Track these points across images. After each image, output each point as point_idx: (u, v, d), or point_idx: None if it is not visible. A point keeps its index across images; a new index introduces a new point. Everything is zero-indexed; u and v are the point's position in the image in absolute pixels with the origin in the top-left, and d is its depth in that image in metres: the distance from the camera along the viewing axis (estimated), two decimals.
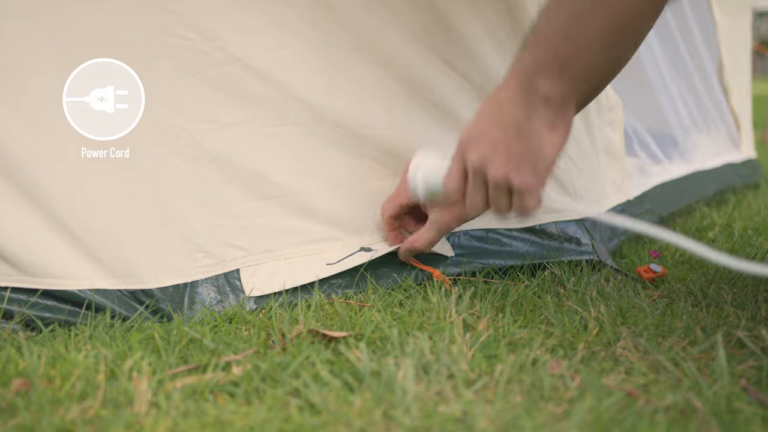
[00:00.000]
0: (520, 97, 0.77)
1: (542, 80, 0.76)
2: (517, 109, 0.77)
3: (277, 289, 0.91)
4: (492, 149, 0.78)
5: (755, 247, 1.25)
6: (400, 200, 0.97)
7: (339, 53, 0.95)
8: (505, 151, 0.78)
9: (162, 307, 0.86)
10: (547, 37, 0.75)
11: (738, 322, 0.82)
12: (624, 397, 0.64)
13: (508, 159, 0.78)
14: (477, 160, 0.79)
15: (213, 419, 0.61)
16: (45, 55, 0.85)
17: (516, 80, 0.78)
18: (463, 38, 1.01)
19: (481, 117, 0.81)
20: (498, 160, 0.78)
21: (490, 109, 0.80)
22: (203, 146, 0.90)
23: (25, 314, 0.83)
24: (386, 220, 0.98)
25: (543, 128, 0.77)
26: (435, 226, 0.93)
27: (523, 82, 0.77)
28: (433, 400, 0.63)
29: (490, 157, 0.78)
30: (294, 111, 0.94)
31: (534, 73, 0.76)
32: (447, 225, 0.93)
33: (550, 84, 0.76)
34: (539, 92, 0.76)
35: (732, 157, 2.10)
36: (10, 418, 0.61)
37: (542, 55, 0.76)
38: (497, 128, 0.78)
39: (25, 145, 0.84)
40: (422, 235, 0.94)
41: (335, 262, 0.95)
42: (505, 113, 0.78)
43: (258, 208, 0.93)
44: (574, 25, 0.74)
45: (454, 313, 0.84)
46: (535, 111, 0.77)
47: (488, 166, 0.79)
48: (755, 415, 0.61)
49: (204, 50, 0.88)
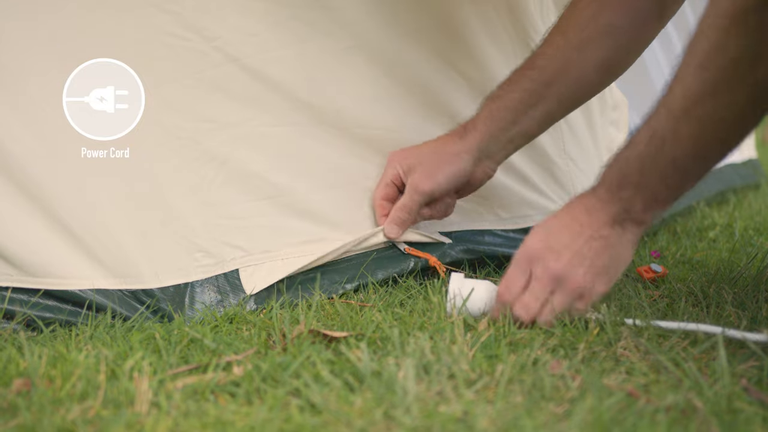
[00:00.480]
0: (613, 223, 0.81)
1: (644, 213, 0.80)
2: (607, 230, 0.81)
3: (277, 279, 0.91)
4: (576, 260, 0.81)
5: (756, 246, 1.25)
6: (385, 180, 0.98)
7: (337, 53, 0.95)
8: (589, 262, 0.81)
9: (163, 307, 0.86)
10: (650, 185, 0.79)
11: (739, 322, 0.82)
12: (625, 397, 0.64)
13: (590, 269, 0.81)
14: (558, 268, 0.81)
15: (214, 419, 0.61)
16: (45, 55, 0.85)
17: (605, 210, 0.81)
18: (462, 37, 1.01)
19: (556, 231, 0.83)
20: (581, 270, 0.81)
21: (566, 224, 0.83)
22: (203, 146, 0.90)
23: (26, 314, 0.83)
24: (378, 204, 0.98)
25: (629, 244, 0.82)
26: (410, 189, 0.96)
27: (616, 214, 0.81)
28: (434, 400, 0.63)
29: (571, 268, 0.81)
30: (292, 111, 0.94)
31: (635, 208, 0.80)
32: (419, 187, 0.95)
33: (648, 214, 0.81)
34: (638, 221, 0.81)
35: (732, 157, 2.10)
36: (11, 418, 0.61)
37: (645, 197, 0.79)
38: (580, 240, 0.81)
39: (25, 145, 0.84)
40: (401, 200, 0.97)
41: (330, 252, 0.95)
42: (591, 230, 0.81)
43: (256, 208, 0.93)
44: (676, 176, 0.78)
45: (454, 313, 0.84)
46: (625, 233, 0.81)
47: (569, 277, 0.81)
48: (756, 415, 0.61)
49: (202, 50, 0.88)
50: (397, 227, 0.97)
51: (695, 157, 0.77)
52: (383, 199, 0.99)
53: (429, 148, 0.98)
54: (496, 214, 1.07)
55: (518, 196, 1.07)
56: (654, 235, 1.39)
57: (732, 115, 0.73)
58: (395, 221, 0.97)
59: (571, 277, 0.81)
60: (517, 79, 0.95)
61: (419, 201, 0.96)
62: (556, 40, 0.94)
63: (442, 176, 0.95)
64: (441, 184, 0.95)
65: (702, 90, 0.73)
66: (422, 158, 0.97)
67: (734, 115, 0.73)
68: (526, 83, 0.94)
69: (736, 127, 0.75)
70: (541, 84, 0.93)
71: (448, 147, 0.96)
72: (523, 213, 1.08)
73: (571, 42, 0.93)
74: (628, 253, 0.82)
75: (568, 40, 0.93)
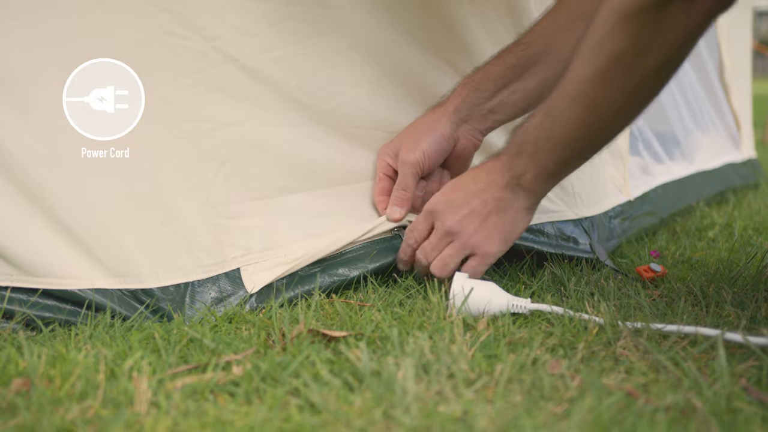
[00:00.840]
0: (506, 187, 0.88)
1: (533, 183, 0.87)
2: (501, 192, 0.88)
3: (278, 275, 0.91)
4: (468, 217, 0.89)
5: (755, 246, 1.25)
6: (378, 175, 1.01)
7: (337, 52, 0.95)
8: (481, 220, 0.89)
9: (162, 307, 0.86)
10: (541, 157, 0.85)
11: (738, 321, 0.82)
12: (624, 396, 0.64)
13: (482, 227, 0.89)
14: (453, 223, 0.89)
15: (213, 419, 0.61)
16: (45, 55, 0.85)
17: (503, 176, 0.88)
18: (462, 37, 1.01)
19: (458, 190, 0.91)
20: (471, 227, 0.89)
21: (468, 183, 0.90)
22: (203, 145, 0.90)
23: (26, 314, 0.83)
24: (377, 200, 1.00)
25: (521, 210, 0.89)
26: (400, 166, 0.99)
27: (509, 179, 0.87)
28: (433, 400, 0.63)
29: (464, 223, 0.89)
30: (291, 111, 0.94)
31: (525, 176, 0.86)
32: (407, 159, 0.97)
33: (537, 185, 0.87)
34: (526, 188, 0.87)
35: (732, 156, 2.11)
36: (11, 418, 0.61)
37: (536, 167, 0.85)
38: (476, 200, 0.89)
39: (25, 145, 0.84)
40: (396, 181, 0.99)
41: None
42: (487, 192, 0.88)
43: (257, 207, 0.93)
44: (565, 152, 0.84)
45: (454, 312, 0.84)
46: (516, 198, 0.88)
47: (461, 232, 0.89)
48: (755, 414, 0.61)
49: (202, 50, 0.88)
50: (398, 208, 0.98)
51: (580, 139, 0.82)
52: (381, 194, 1.00)
53: (409, 126, 1.00)
54: None
55: None
56: (653, 235, 1.39)
57: (615, 104, 0.78)
58: (395, 202, 0.98)
59: (463, 232, 0.89)
60: (503, 54, 0.97)
61: (411, 173, 0.97)
62: (545, 20, 0.96)
63: (425, 143, 0.97)
64: (425, 150, 0.97)
65: (591, 76, 0.77)
66: (404, 135, 0.99)
67: (617, 104, 0.78)
68: (509, 58, 0.96)
69: (618, 116, 0.80)
70: (525, 60, 0.95)
71: (426, 117, 0.99)
72: None
73: (557, 23, 0.95)
74: (522, 218, 0.89)
75: (556, 21, 0.95)
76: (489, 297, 0.85)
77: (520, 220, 0.89)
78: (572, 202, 1.10)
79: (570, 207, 1.10)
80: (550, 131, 0.83)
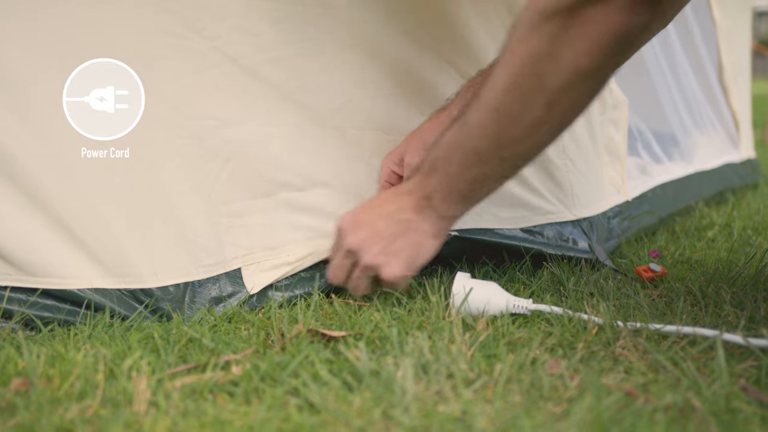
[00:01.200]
0: (415, 207, 0.84)
1: (442, 203, 0.83)
2: (409, 214, 0.85)
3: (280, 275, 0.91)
4: (371, 238, 0.85)
5: (754, 246, 1.25)
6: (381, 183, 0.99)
7: (337, 53, 0.95)
8: (386, 243, 0.85)
9: (161, 307, 0.86)
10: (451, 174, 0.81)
11: (737, 321, 0.82)
12: (623, 396, 0.64)
13: (385, 250, 0.85)
14: (353, 243, 0.86)
15: (212, 419, 0.61)
16: (45, 55, 0.85)
17: (413, 195, 0.84)
18: (463, 37, 1.01)
19: (367, 210, 0.88)
20: (375, 248, 0.85)
21: (379, 203, 0.88)
22: (203, 145, 0.90)
23: (25, 314, 0.83)
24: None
25: (428, 235, 0.85)
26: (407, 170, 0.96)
27: (419, 199, 0.84)
28: (433, 400, 0.63)
29: (365, 245, 0.86)
30: (292, 111, 0.94)
31: (435, 196, 0.83)
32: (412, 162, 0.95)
33: (447, 207, 0.83)
34: (435, 209, 0.84)
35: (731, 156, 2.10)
36: (10, 418, 0.61)
37: (445, 188, 0.82)
38: (382, 221, 0.86)
39: (25, 145, 0.84)
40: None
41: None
42: (396, 213, 0.85)
43: (258, 206, 0.93)
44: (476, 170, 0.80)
45: (453, 312, 0.85)
46: (426, 220, 0.84)
47: (361, 252, 0.86)
48: (754, 414, 0.61)
49: (202, 50, 0.88)
50: None
51: (494, 154, 0.78)
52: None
53: (414, 132, 0.99)
54: (494, 214, 1.07)
55: (515, 196, 1.07)
56: (653, 235, 1.39)
57: (531, 116, 0.74)
58: None
59: (363, 253, 0.86)
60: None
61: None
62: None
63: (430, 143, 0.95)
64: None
65: (506, 82, 0.74)
66: (409, 142, 0.98)
67: (533, 116, 0.74)
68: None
69: (535, 130, 0.75)
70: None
71: (431, 122, 0.98)
72: (521, 213, 1.08)
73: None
74: (430, 244, 0.85)
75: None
76: (489, 297, 0.85)
77: (425, 246, 0.85)
78: (570, 203, 1.10)
79: (568, 208, 1.10)
80: (463, 143, 0.79)
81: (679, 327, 0.77)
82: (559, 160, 1.10)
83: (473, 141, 0.78)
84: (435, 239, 0.86)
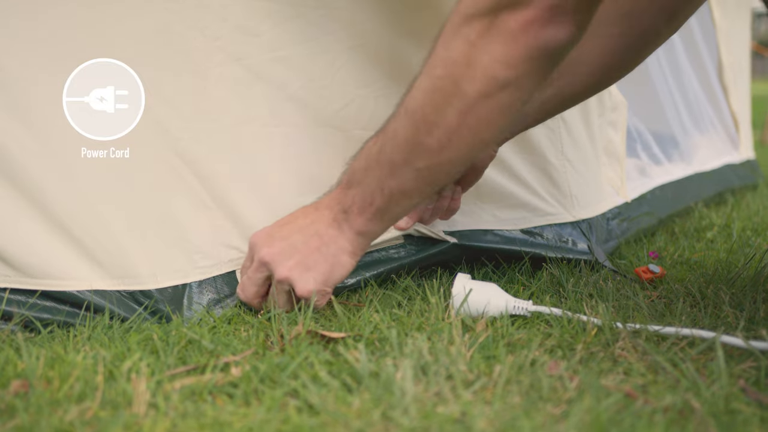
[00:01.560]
0: (332, 222, 0.83)
1: (358, 217, 0.81)
2: (326, 228, 0.83)
3: None
4: (285, 251, 0.83)
5: (754, 247, 1.25)
6: None
7: (340, 53, 0.95)
8: (300, 257, 0.83)
9: (161, 308, 0.86)
10: (368, 186, 0.79)
11: (736, 322, 0.82)
12: (622, 397, 0.64)
13: (298, 264, 0.82)
14: (267, 255, 0.83)
15: (211, 420, 0.61)
16: (45, 55, 0.85)
17: (331, 209, 0.83)
18: None
19: (282, 224, 0.86)
20: (289, 262, 0.83)
21: (296, 217, 0.85)
22: (203, 146, 0.89)
23: (24, 315, 0.83)
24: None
25: (344, 251, 0.83)
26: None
27: (337, 213, 0.82)
28: (432, 401, 0.63)
29: (279, 258, 0.83)
30: (295, 112, 0.94)
31: (352, 210, 0.81)
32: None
33: (363, 222, 0.81)
34: (353, 226, 0.82)
35: (731, 157, 2.11)
36: (9, 420, 0.61)
37: (361, 201, 0.80)
38: (298, 235, 0.83)
39: (24, 145, 0.84)
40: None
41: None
42: (312, 227, 0.83)
43: (256, 208, 0.93)
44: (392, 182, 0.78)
45: (452, 313, 0.85)
46: (341, 235, 0.82)
47: (274, 265, 0.83)
48: (754, 415, 0.61)
49: (204, 50, 0.88)
50: (409, 219, 0.96)
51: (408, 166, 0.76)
52: None
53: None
54: (493, 215, 1.07)
55: (515, 197, 1.07)
56: (652, 236, 1.39)
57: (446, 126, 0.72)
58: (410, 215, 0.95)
59: (277, 267, 0.83)
60: None
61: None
62: None
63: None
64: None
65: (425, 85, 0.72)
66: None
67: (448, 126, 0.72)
68: None
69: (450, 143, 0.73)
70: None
71: None
72: (520, 214, 1.08)
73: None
74: (346, 260, 0.83)
75: None
76: (489, 298, 0.85)
77: (341, 262, 0.83)
78: (569, 205, 1.11)
79: (567, 209, 1.10)
80: (380, 154, 0.77)
81: (678, 329, 0.77)
82: (557, 161, 1.10)
83: (388, 151, 0.76)
84: (351, 257, 0.83)
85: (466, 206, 1.06)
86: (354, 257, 0.84)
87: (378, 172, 0.78)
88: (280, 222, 0.86)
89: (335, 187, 0.84)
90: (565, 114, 1.11)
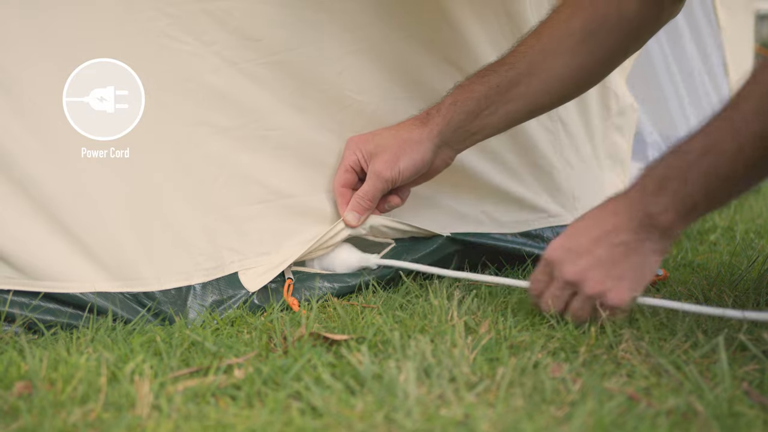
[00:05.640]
0: (638, 228, 0.79)
1: (671, 222, 0.78)
2: (630, 234, 0.79)
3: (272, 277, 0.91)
4: (592, 267, 0.80)
5: (757, 250, 1.25)
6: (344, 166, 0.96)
7: (341, 56, 0.95)
8: (607, 269, 0.80)
9: (164, 310, 0.86)
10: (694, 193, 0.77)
11: (740, 325, 0.82)
12: (625, 400, 0.64)
13: (608, 276, 0.80)
14: (572, 274, 0.80)
15: (214, 422, 0.61)
16: (45, 55, 0.85)
17: (632, 213, 0.79)
18: (468, 42, 1.01)
19: (578, 234, 0.82)
20: (597, 277, 0.80)
21: (589, 226, 0.81)
22: (202, 149, 0.90)
23: (27, 317, 0.83)
24: (338, 192, 0.96)
25: (652, 253, 0.80)
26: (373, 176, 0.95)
27: (642, 219, 0.79)
28: (435, 404, 0.63)
29: (588, 274, 0.80)
30: (292, 115, 0.94)
31: (663, 214, 0.78)
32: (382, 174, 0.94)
33: (679, 225, 0.79)
34: (662, 228, 0.79)
35: None
36: (12, 421, 0.61)
37: (683, 206, 0.77)
38: (600, 247, 0.80)
39: (25, 145, 0.84)
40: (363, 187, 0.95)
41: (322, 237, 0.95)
42: (614, 236, 0.80)
43: (255, 210, 0.93)
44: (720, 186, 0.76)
45: (455, 316, 0.84)
46: (649, 239, 0.79)
47: (583, 282, 0.80)
48: (757, 418, 0.61)
49: (201, 54, 0.88)
50: (358, 215, 0.95)
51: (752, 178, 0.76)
52: (343, 186, 0.96)
53: (390, 133, 0.96)
54: (495, 219, 1.07)
55: (517, 200, 1.07)
56: None
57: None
58: (356, 208, 0.95)
59: (584, 282, 0.80)
60: (487, 72, 0.94)
61: (382, 189, 0.95)
62: (529, 40, 0.94)
63: (404, 164, 0.93)
64: (403, 172, 0.94)
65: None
66: (384, 145, 0.95)
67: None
68: (493, 78, 0.93)
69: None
70: (508, 81, 0.93)
71: (410, 133, 0.95)
72: (522, 218, 1.08)
73: (541, 42, 0.93)
74: (653, 261, 0.80)
75: (540, 41, 0.93)
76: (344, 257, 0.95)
77: (650, 265, 0.80)
78: (572, 207, 1.11)
79: (570, 212, 1.10)
80: (710, 170, 0.75)
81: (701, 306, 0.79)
82: (559, 163, 1.10)
83: (727, 168, 0.75)
84: (660, 254, 0.81)
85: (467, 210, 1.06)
86: (661, 255, 0.81)
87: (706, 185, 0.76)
88: (572, 233, 0.83)
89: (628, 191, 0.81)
90: (563, 116, 1.11)
